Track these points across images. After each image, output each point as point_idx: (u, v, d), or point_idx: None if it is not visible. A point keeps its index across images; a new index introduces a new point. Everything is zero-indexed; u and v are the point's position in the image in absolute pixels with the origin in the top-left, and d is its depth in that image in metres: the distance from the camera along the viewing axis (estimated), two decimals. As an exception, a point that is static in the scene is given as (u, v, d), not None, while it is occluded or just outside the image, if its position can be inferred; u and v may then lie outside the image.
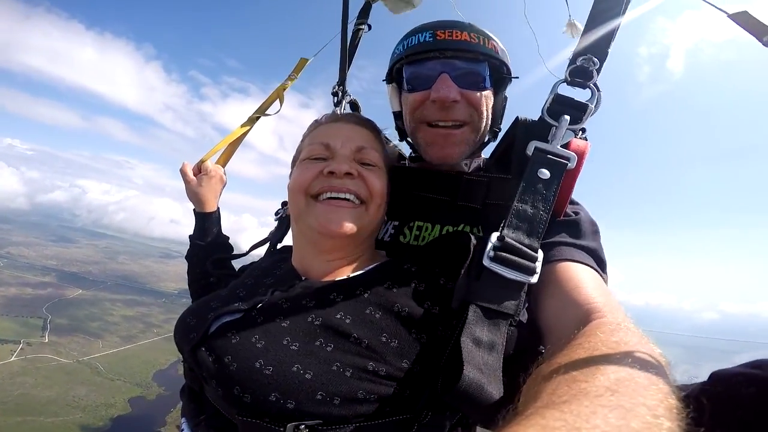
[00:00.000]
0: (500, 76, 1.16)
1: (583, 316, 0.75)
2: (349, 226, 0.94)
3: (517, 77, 1.21)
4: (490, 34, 1.14)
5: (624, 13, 0.99)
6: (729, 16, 1.10)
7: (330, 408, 0.73)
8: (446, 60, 1.09)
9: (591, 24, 1.00)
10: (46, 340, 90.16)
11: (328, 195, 0.96)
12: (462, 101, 1.08)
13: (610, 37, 0.98)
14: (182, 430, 0.96)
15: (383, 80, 1.29)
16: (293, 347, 0.79)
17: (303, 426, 0.73)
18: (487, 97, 1.12)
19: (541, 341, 0.87)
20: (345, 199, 0.97)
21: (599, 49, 0.98)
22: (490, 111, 1.15)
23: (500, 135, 1.26)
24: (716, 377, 0.60)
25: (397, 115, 1.25)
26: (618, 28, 0.99)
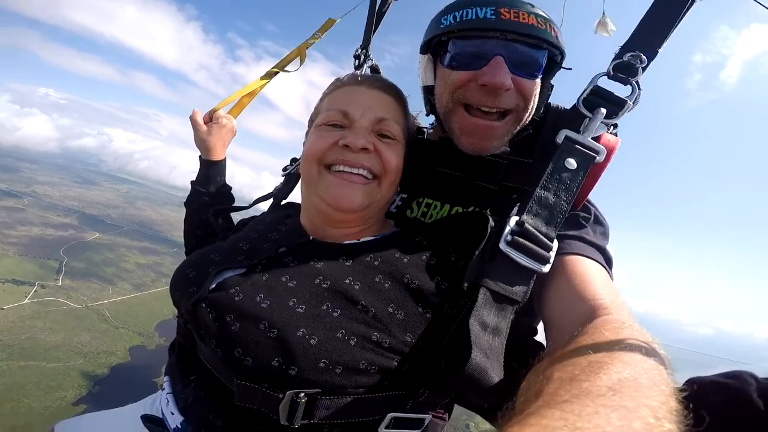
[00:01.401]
0: (553, 63, 1.07)
1: (588, 312, 0.74)
2: (359, 202, 0.93)
3: (570, 68, 1.11)
4: (550, 17, 1.03)
5: (685, 14, 0.94)
6: None
7: (331, 377, 0.73)
8: (506, 42, 0.99)
9: (648, 20, 0.95)
10: (60, 284, 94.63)
11: (341, 168, 0.94)
12: (513, 89, 1.01)
13: (664, 36, 0.94)
14: (164, 389, 0.94)
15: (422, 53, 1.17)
16: (299, 309, 0.77)
17: (302, 394, 0.72)
18: (537, 86, 1.05)
19: (534, 330, 0.90)
20: (358, 174, 0.94)
21: (650, 48, 0.93)
22: (536, 100, 1.07)
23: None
24: (691, 383, 0.61)
25: (429, 90, 1.15)
26: (675, 27, 0.94)
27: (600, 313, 0.73)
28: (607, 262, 0.95)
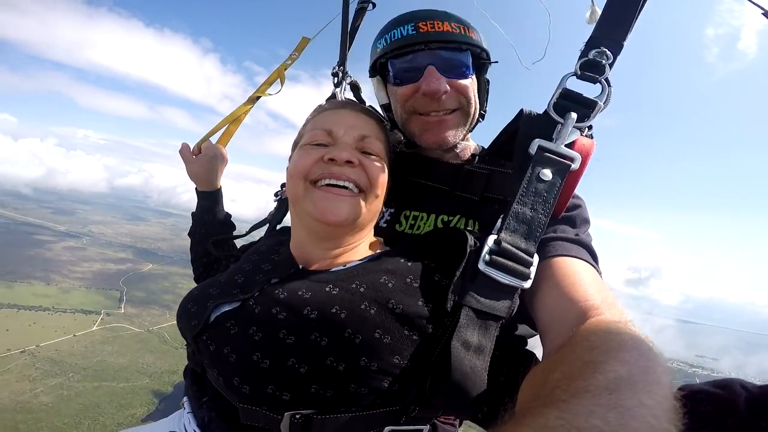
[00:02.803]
0: (480, 62, 1.17)
1: (581, 313, 0.74)
2: (346, 215, 0.94)
3: (497, 62, 1.22)
4: (467, 21, 1.15)
5: (643, 5, 0.92)
6: (764, 13, 1.03)
7: (322, 399, 0.78)
8: (431, 51, 1.09)
9: (607, 13, 0.93)
10: (122, 311, 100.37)
11: (327, 181, 0.95)
12: (451, 90, 1.10)
13: (627, 29, 0.91)
14: (184, 408, 1.01)
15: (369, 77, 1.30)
16: (289, 341, 0.81)
17: (299, 415, 0.78)
18: (472, 84, 1.15)
19: (524, 341, 0.92)
20: (344, 187, 0.96)
21: (614, 42, 0.91)
22: (476, 96, 1.17)
23: (485, 119, 1.27)
24: (681, 391, 0.60)
25: (386, 108, 1.25)
26: (636, 19, 0.92)
27: (592, 313, 0.73)
28: (594, 258, 0.94)
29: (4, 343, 74.86)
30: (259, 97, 1.75)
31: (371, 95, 1.38)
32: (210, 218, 1.54)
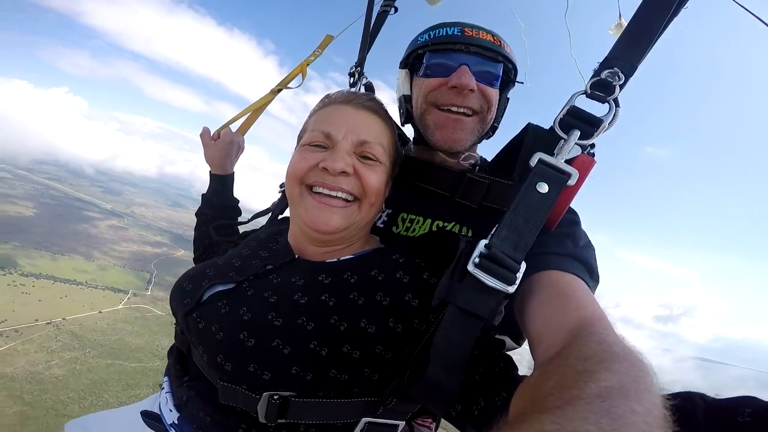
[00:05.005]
0: (508, 79, 1.24)
1: (572, 325, 0.76)
2: (336, 225, 0.95)
3: (522, 83, 1.29)
4: (505, 41, 1.23)
5: (663, 30, 0.95)
6: None
7: (302, 382, 0.80)
8: (469, 54, 1.15)
9: (626, 35, 0.95)
10: (149, 293, 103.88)
11: (320, 190, 0.96)
12: (477, 92, 1.15)
13: (643, 51, 0.93)
14: (163, 388, 1.02)
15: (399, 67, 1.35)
16: (276, 323, 0.84)
17: (277, 396, 0.79)
18: (496, 95, 1.20)
19: (502, 344, 0.98)
20: (337, 197, 0.96)
21: (628, 64, 0.93)
22: (495, 109, 1.22)
23: (495, 133, 1.33)
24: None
25: (407, 98, 1.28)
26: (654, 42, 0.95)
27: (583, 325, 0.75)
28: (590, 273, 0.96)
29: (33, 313, 79.72)
30: (280, 90, 1.86)
31: (384, 99, 1.35)
32: (218, 201, 1.61)
